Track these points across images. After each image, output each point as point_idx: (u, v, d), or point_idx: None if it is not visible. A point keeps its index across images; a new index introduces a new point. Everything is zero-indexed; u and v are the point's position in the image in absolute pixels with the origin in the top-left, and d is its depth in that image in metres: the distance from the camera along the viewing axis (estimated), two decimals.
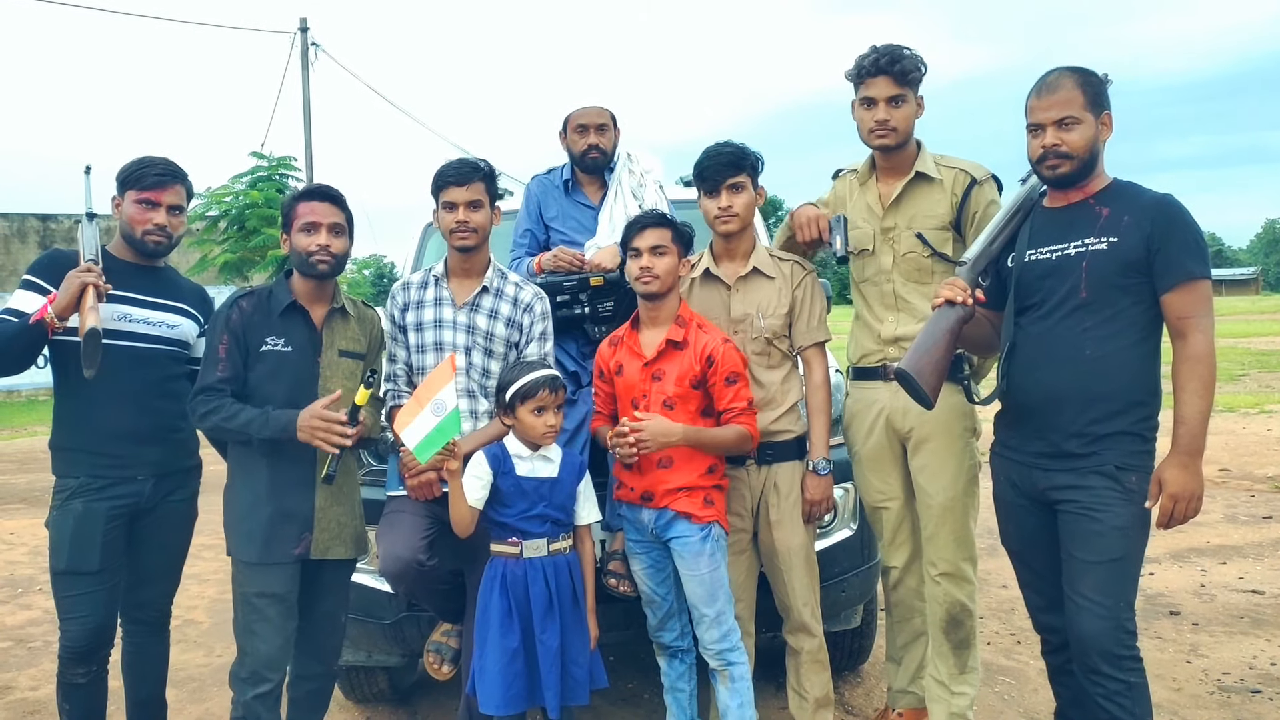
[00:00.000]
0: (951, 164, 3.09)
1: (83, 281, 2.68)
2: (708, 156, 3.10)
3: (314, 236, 2.81)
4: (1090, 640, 2.47)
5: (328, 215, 2.85)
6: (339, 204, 2.90)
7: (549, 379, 2.79)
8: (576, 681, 2.80)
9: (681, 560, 2.90)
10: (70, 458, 2.86)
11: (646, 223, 2.97)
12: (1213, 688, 3.82)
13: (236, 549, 2.79)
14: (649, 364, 2.93)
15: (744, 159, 3.07)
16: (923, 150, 3.11)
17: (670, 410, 2.89)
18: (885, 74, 2.97)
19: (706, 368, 2.89)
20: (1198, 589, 5.10)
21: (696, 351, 2.90)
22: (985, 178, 3.05)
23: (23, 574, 6.19)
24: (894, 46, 3.00)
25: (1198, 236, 2.49)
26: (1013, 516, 2.76)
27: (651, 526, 2.91)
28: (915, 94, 3.03)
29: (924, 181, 3.07)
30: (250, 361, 2.80)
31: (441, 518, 2.87)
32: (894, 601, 3.29)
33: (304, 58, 18.81)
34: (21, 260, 19.75)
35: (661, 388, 2.91)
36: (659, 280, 2.91)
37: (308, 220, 2.82)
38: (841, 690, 3.86)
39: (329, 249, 2.82)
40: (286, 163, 17.24)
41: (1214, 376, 2.45)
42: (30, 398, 19.00)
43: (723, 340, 2.94)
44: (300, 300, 2.86)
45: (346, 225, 2.91)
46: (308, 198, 2.89)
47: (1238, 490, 7.45)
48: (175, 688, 3.77)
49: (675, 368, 2.91)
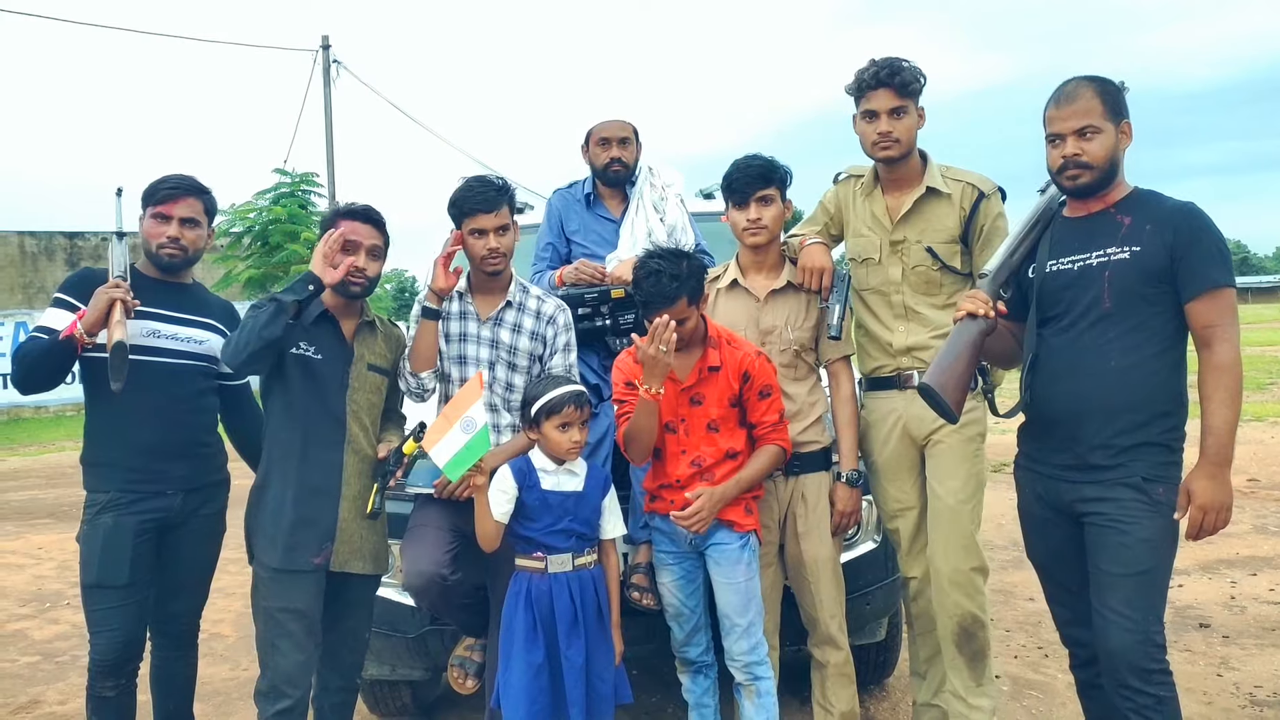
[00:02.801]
0: (959, 176, 3.09)
1: (110, 297, 2.71)
2: (737, 169, 3.11)
3: (352, 257, 2.85)
4: (1119, 654, 2.44)
5: (368, 237, 2.89)
6: (380, 227, 2.94)
7: (574, 395, 2.80)
8: (601, 697, 2.79)
9: (719, 568, 2.89)
10: (101, 472, 2.89)
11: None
12: (1245, 701, 3.77)
13: (260, 551, 2.82)
14: (687, 389, 2.91)
15: (774, 172, 3.09)
16: (930, 163, 3.11)
17: (715, 433, 2.90)
18: (886, 86, 2.98)
19: (743, 384, 2.89)
20: (1228, 601, 5.04)
21: (733, 369, 2.89)
22: (992, 191, 3.06)
23: (51, 589, 6.24)
24: (893, 59, 3.01)
25: (1221, 244, 2.47)
26: (1039, 530, 2.74)
27: (690, 537, 2.90)
28: (916, 105, 3.03)
29: (934, 196, 3.07)
30: (281, 362, 2.82)
31: (465, 531, 2.88)
32: (915, 614, 3.26)
33: (326, 75, 18.99)
34: (49, 277, 20.01)
35: (704, 411, 2.90)
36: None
37: (348, 239, 2.85)
38: (867, 704, 3.83)
39: (365, 272, 2.88)
40: (309, 179, 17.41)
41: (1240, 386, 2.43)
42: (58, 413, 19.19)
43: (755, 353, 2.94)
44: (331, 311, 2.91)
45: (383, 247, 2.94)
46: (351, 217, 2.90)
47: (1267, 500, 7.35)
48: (201, 701, 3.78)
49: (714, 390, 2.90)
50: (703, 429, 2.90)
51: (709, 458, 2.89)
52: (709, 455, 2.89)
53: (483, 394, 2.72)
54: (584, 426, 2.83)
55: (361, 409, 2.92)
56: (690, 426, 2.91)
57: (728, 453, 2.91)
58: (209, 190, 3.05)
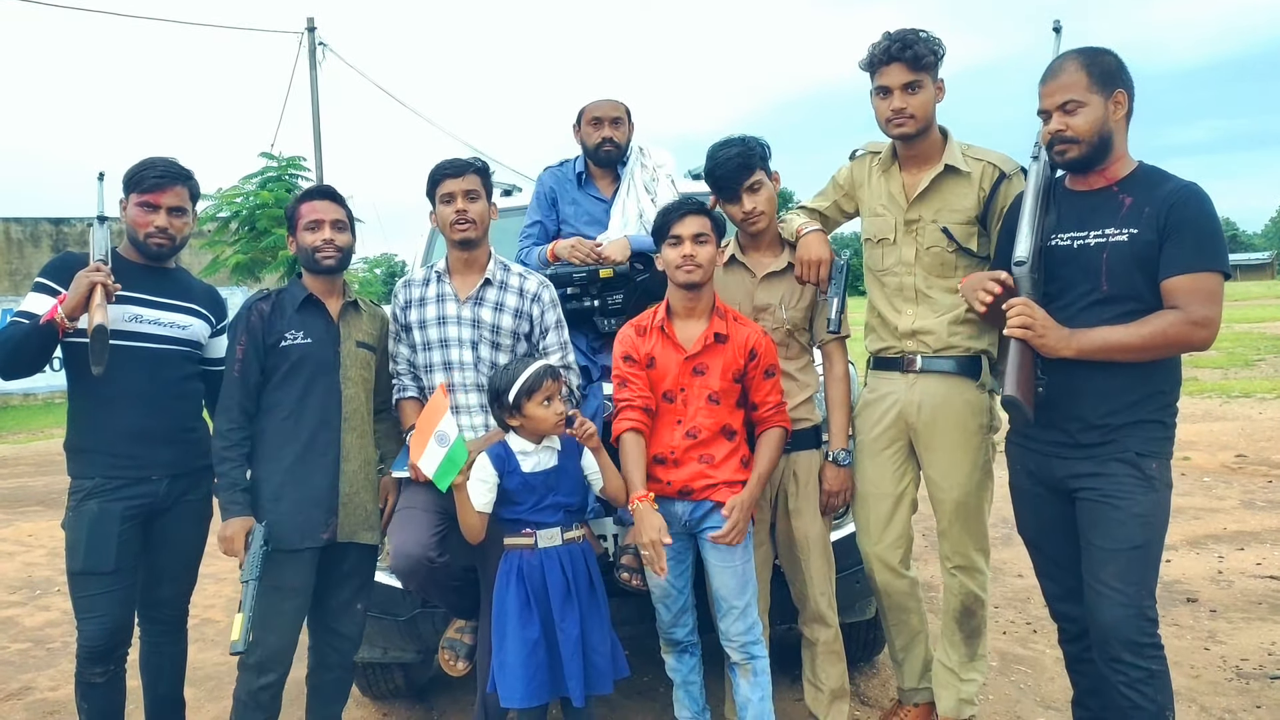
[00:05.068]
0: (980, 155, 2.99)
1: (91, 281, 2.69)
2: (716, 164, 3.03)
3: (318, 233, 2.95)
4: (1111, 628, 2.45)
5: (329, 212, 2.98)
6: (338, 201, 3.04)
7: (548, 369, 2.80)
8: (599, 670, 2.79)
9: (716, 551, 2.87)
10: (85, 459, 2.87)
11: (689, 209, 2.88)
12: (1231, 674, 3.80)
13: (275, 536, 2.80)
14: (691, 357, 2.89)
15: (752, 156, 3.01)
16: (950, 140, 3.01)
17: (716, 405, 2.87)
18: (898, 61, 2.87)
19: (749, 360, 2.87)
20: (1215, 576, 5.07)
21: (739, 344, 2.88)
22: (1014, 171, 2.94)
23: (41, 576, 6.22)
24: (907, 31, 2.88)
25: (1211, 230, 2.42)
26: (1030, 505, 2.74)
27: (686, 519, 2.89)
28: (934, 78, 2.92)
29: (952, 174, 2.97)
30: (270, 358, 2.89)
31: (453, 513, 2.88)
32: (888, 606, 3.20)
33: (311, 57, 18.85)
34: (35, 264, 19.87)
35: (706, 382, 2.87)
36: (702, 269, 2.84)
37: (311, 219, 2.96)
38: (857, 681, 3.85)
39: (333, 243, 2.96)
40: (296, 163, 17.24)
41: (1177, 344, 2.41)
42: (47, 400, 19.13)
43: (761, 333, 2.93)
44: (316, 295, 2.97)
45: (348, 221, 3.03)
46: (308, 198, 3.03)
47: (1254, 476, 7.39)
48: (193, 686, 3.79)
49: (719, 361, 2.87)
50: (703, 399, 2.87)
51: (705, 430, 2.87)
52: (706, 428, 2.87)
53: (448, 404, 2.74)
54: (563, 398, 2.83)
55: (356, 385, 2.98)
56: (689, 396, 2.88)
57: (724, 428, 2.88)
58: (193, 175, 3.03)
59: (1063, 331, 2.44)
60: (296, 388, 2.90)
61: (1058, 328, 2.44)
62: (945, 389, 2.99)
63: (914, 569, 3.19)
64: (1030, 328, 2.44)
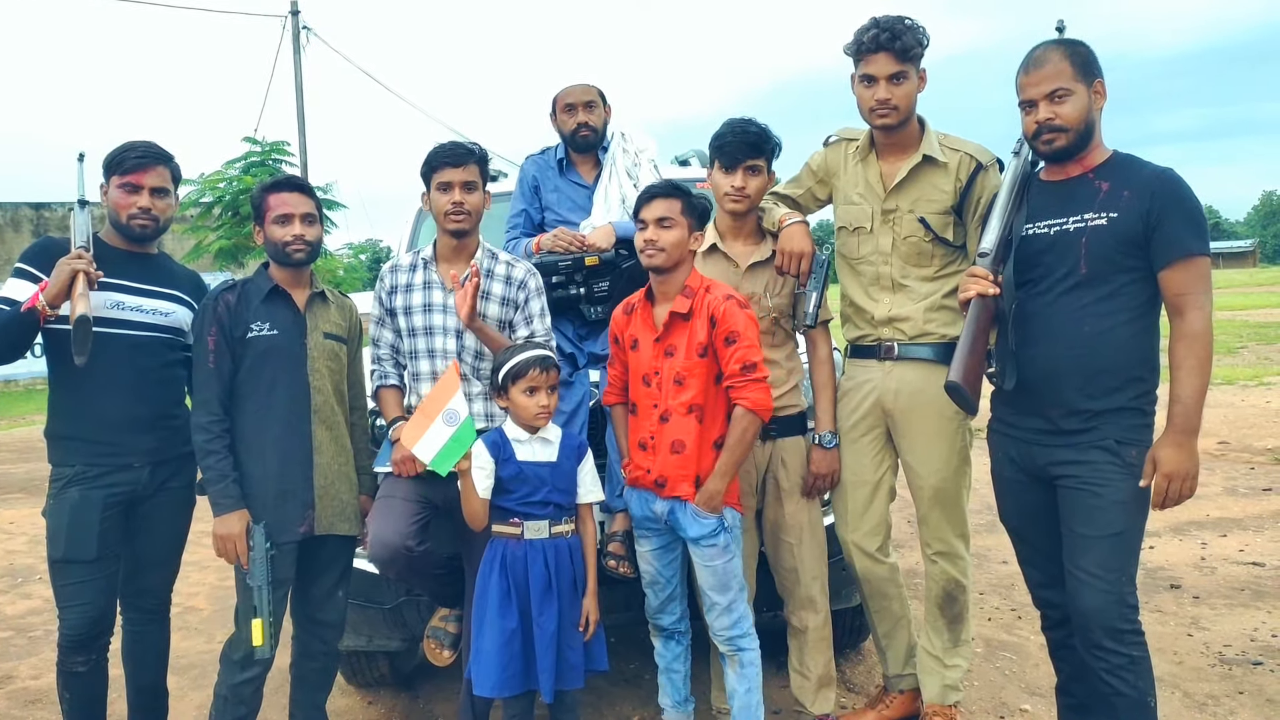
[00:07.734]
0: (956, 146, 3.00)
1: (73, 268, 2.66)
2: (731, 131, 3.01)
3: (289, 227, 2.89)
4: (1092, 615, 2.46)
5: (299, 205, 2.92)
6: (308, 193, 2.97)
7: (539, 359, 2.77)
8: (571, 666, 2.80)
9: (696, 550, 2.86)
10: (66, 446, 2.85)
11: (655, 193, 2.87)
12: (1214, 660, 3.83)
13: None
14: (660, 339, 2.88)
15: (766, 143, 3.01)
16: (927, 130, 3.01)
17: (680, 386, 2.83)
18: (886, 50, 2.85)
19: (711, 329, 2.81)
20: (1198, 562, 5.11)
21: (703, 316, 2.82)
22: (990, 162, 2.96)
23: (22, 563, 6.18)
24: (894, 20, 2.87)
25: (1197, 212, 2.45)
26: (1012, 493, 2.75)
27: (665, 516, 2.88)
28: (917, 69, 2.92)
29: (930, 164, 2.98)
30: (238, 350, 2.85)
31: (434, 501, 2.88)
32: (869, 593, 3.21)
33: (295, 41, 18.70)
34: (15, 249, 19.61)
35: (673, 365, 2.85)
36: (663, 253, 2.82)
37: (280, 212, 2.89)
38: (843, 668, 3.86)
39: (304, 238, 2.90)
40: (280, 148, 17.13)
41: (1210, 354, 2.43)
42: (28, 387, 18.99)
43: (724, 297, 2.82)
44: (282, 286, 2.92)
45: (317, 213, 2.98)
46: (277, 189, 2.95)
47: (1237, 463, 7.45)
48: (176, 675, 3.77)
49: (684, 339, 2.84)
50: (670, 382, 2.85)
51: (674, 413, 2.84)
52: (674, 410, 2.84)
53: (460, 384, 2.72)
54: (552, 391, 2.81)
55: (324, 377, 2.93)
56: (662, 380, 2.87)
57: (689, 406, 2.82)
58: (174, 157, 3.00)
59: (1179, 450, 2.40)
60: (264, 380, 2.84)
61: (1172, 452, 2.40)
62: (922, 376, 3.00)
63: (894, 555, 3.20)
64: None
